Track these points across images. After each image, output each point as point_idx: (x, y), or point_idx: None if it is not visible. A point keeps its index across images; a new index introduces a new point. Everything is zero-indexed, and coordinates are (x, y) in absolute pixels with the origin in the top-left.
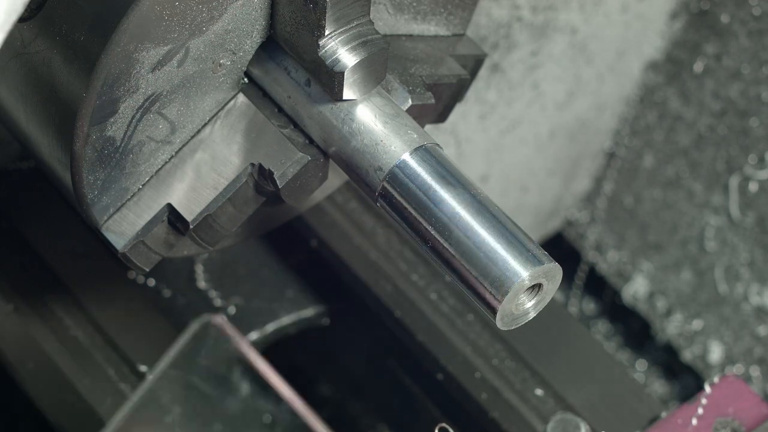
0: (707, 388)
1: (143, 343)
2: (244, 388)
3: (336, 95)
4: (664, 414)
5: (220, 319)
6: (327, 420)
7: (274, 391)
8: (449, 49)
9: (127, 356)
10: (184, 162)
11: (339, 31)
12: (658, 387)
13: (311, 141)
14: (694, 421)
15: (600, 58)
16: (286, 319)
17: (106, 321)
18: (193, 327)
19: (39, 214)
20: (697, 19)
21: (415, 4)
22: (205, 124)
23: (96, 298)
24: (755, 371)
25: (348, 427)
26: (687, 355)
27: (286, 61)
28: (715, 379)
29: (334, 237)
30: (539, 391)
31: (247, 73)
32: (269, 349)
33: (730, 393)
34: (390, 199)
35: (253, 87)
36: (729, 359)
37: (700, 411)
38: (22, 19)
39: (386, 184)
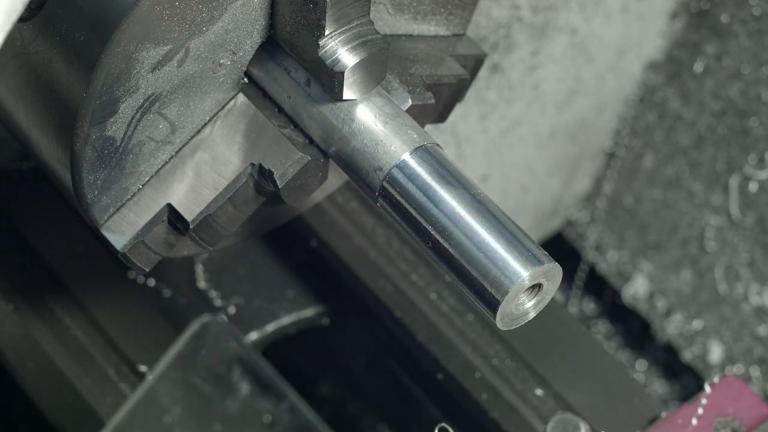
0: (707, 388)
1: (143, 343)
2: (244, 388)
3: (336, 95)
4: (664, 414)
5: (219, 319)
6: (327, 420)
7: (274, 391)
8: (449, 49)
9: (127, 356)
10: (184, 162)
11: (339, 31)
12: (658, 387)
13: (311, 141)
14: (694, 421)
15: (600, 58)
16: (286, 319)
17: (106, 321)
18: (193, 327)
19: (39, 214)
20: (697, 19)
21: (415, 4)
22: (205, 124)
23: (96, 298)
24: (755, 371)
25: (348, 427)
26: (687, 355)
27: (286, 61)
28: (715, 379)
29: (334, 237)
30: (539, 391)
31: (247, 73)
32: (269, 349)
33: (730, 393)
34: (390, 199)
35: (253, 87)
36: (729, 359)
37: (700, 411)
38: (22, 19)
39: (386, 184)
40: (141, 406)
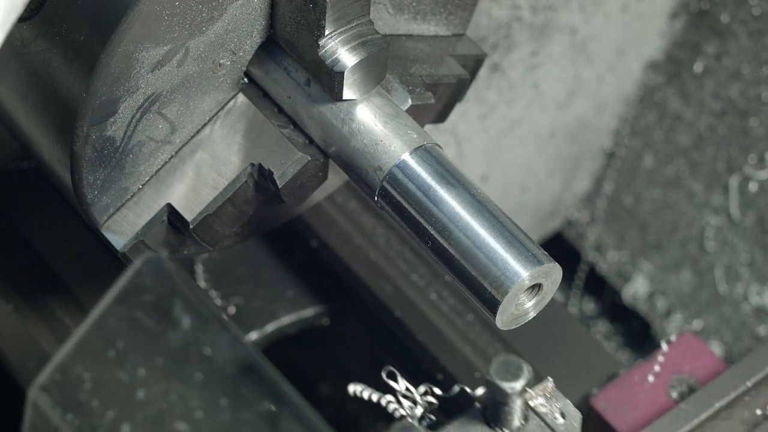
0: (664, 346)
1: None
2: (186, 322)
3: (336, 95)
4: (621, 372)
5: (162, 256)
6: (327, 420)
7: (214, 325)
8: (449, 49)
9: None
10: (184, 162)
11: (339, 31)
12: None
13: (311, 141)
14: (651, 378)
15: (600, 58)
16: (286, 319)
17: None
18: (136, 264)
19: (39, 214)
20: (697, 19)
21: (415, 4)
22: (205, 124)
23: (96, 298)
24: None
25: (348, 427)
26: None
27: (286, 61)
28: (672, 338)
29: (334, 237)
30: None
31: (247, 73)
32: (269, 349)
33: (687, 351)
34: (390, 199)
35: (253, 87)
36: (729, 359)
37: (657, 368)
38: (22, 19)
39: (386, 184)
40: (85, 341)
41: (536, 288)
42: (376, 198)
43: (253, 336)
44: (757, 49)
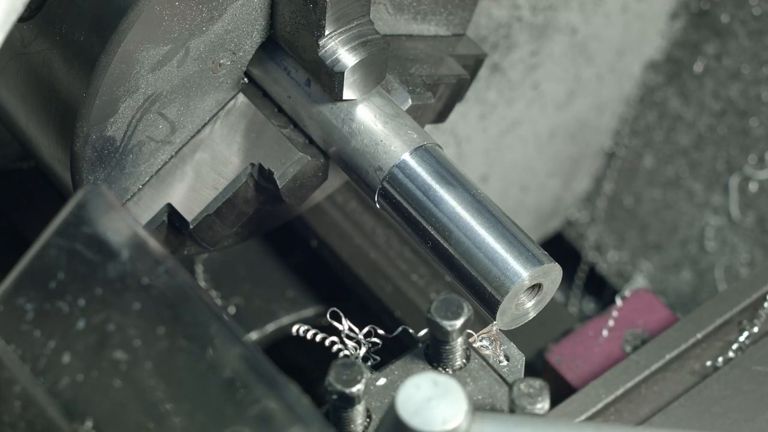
0: (618, 302)
1: None
2: (125, 253)
3: (336, 95)
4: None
5: (102, 189)
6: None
7: (151, 256)
8: (449, 49)
9: None
10: (184, 162)
11: (339, 31)
12: None
13: (311, 141)
14: (605, 333)
15: (600, 58)
16: (286, 319)
17: None
18: (78, 196)
19: (39, 214)
20: (697, 19)
21: (415, 4)
22: (205, 124)
23: None
24: None
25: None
26: None
27: (286, 61)
28: (627, 293)
29: (334, 237)
30: None
31: (247, 73)
32: (269, 349)
33: (641, 306)
34: (390, 199)
35: (253, 87)
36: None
37: (611, 323)
38: (22, 19)
39: (386, 184)
40: (27, 273)
41: (536, 288)
42: (376, 198)
43: (253, 336)
44: (757, 49)
